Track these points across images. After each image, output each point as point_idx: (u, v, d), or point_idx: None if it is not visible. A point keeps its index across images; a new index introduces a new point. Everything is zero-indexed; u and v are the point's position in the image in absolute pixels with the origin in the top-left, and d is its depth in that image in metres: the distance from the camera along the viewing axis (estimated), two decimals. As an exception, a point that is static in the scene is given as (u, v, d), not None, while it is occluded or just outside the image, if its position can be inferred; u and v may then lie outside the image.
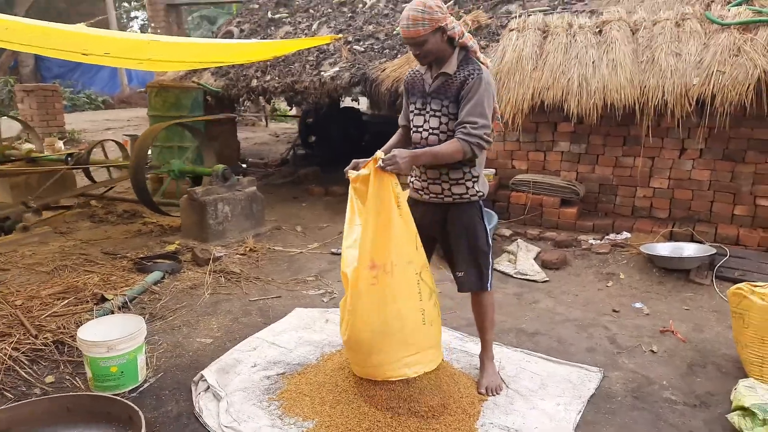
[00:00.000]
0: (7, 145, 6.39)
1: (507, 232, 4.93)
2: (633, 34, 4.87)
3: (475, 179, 2.49)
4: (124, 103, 16.25)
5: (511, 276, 4.20)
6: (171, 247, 4.65)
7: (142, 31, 26.18)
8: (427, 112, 2.46)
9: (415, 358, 2.42)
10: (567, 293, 3.90)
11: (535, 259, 4.42)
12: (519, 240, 4.70)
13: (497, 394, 2.61)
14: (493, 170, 5.30)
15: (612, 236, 4.66)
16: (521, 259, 4.39)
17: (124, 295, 3.57)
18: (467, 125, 2.31)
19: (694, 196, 4.72)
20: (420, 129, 2.50)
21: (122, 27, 22.56)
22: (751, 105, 4.10)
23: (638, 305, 3.64)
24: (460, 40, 2.37)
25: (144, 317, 3.28)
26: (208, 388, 2.63)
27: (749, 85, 4.10)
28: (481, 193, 2.52)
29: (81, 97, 15.69)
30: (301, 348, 3.06)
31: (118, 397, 2.10)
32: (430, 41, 2.31)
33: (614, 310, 3.58)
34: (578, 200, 4.97)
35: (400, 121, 2.70)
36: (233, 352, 3.02)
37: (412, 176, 2.63)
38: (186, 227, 4.93)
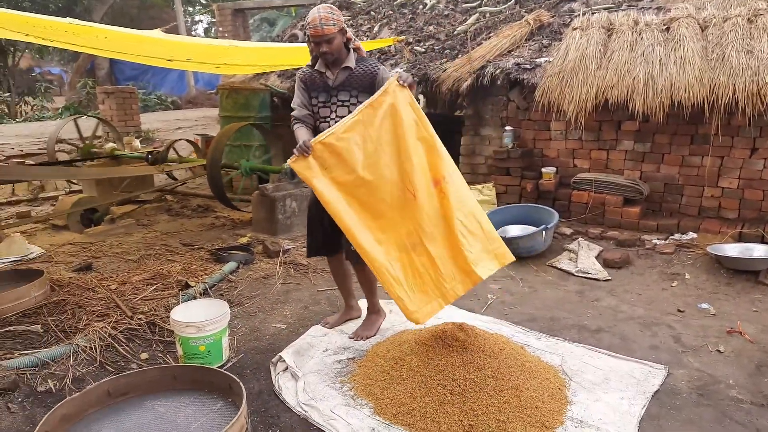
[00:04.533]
0: (93, 144, 6.92)
1: (568, 231, 4.94)
2: (702, 31, 4.78)
3: None
4: (191, 103, 17.06)
5: (572, 274, 4.23)
6: (243, 240, 4.95)
7: (205, 35, 27.33)
8: (334, 104, 2.81)
9: (495, 254, 2.58)
10: (630, 292, 3.90)
11: (596, 257, 4.42)
12: (580, 238, 4.72)
13: (363, 340, 3.09)
14: (554, 168, 5.31)
15: (677, 236, 4.59)
16: (582, 257, 4.40)
17: (205, 282, 3.86)
18: None
19: (765, 197, 4.58)
20: (328, 119, 2.83)
21: (188, 31, 23.61)
22: (830, 103, 3.96)
23: (704, 306, 3.60)
24: (354, 43, 2.82)
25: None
26: (286, 368, 2.84)
27: (828, 82, 3.96)
28: None
29: (152, 98, 16.62)
30: (368, 336, 3.24)
31: (218, 369, 2.34)
32: (337, 39, 2.70)
33: (679, 310, 3.57)
34: (642, 199, 4.92)
35: (300, 113, 2.90)
36: (306, 337, 3.22)
37: None
38: (257, 221, 5.22)
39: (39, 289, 3.48)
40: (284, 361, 2.88)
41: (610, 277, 4.13)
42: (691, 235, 4.56)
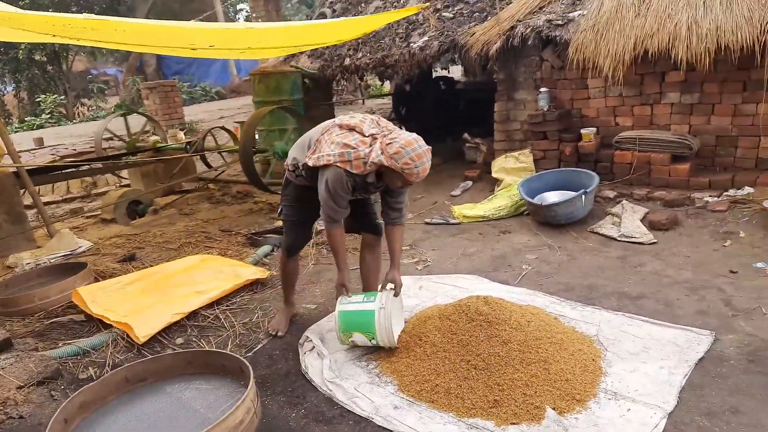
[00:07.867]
0: (137, 138, 7.15)
1: (611, 194, 4.69)
2: (753, -36, 4.33)
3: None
4: (235, 92, 17.39)
5: (615, 239, 4.01)
6: (279, 223, 4.98)
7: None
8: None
9: None
10: (677, 255, 3.66)
11: (641, 220, 4.17)
12: (624, 201, 4.46)
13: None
14: (594, 129, 5.03)
15: (731, 192, 4.26)
16: (626, 220, 4.17)
17: (239, 267, 3.92)
18: None
19: (832, 143, 4.17)
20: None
21: (229, 20, 23.88)
22: None
23: (760, 265, 3.33)
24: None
25: (257, 285, 3.61)
26: (313, 348, 2.85)
27: None
28: None
29: (197, 90, 17.03)
30: (398, 312, 3.19)
31: (230, 353, 2.36)
32: None
33: (731, 271, 3.31)
34: (692, 155, 4.58)
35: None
36: (332, 316, 3.21)
37: None
38: (290, 204, 5.24)
39: (83, 281, 3.64)
40: (311, 340, 2.89)
41: (655, 240, 3.89)
42: (748, 189, 4.22)
